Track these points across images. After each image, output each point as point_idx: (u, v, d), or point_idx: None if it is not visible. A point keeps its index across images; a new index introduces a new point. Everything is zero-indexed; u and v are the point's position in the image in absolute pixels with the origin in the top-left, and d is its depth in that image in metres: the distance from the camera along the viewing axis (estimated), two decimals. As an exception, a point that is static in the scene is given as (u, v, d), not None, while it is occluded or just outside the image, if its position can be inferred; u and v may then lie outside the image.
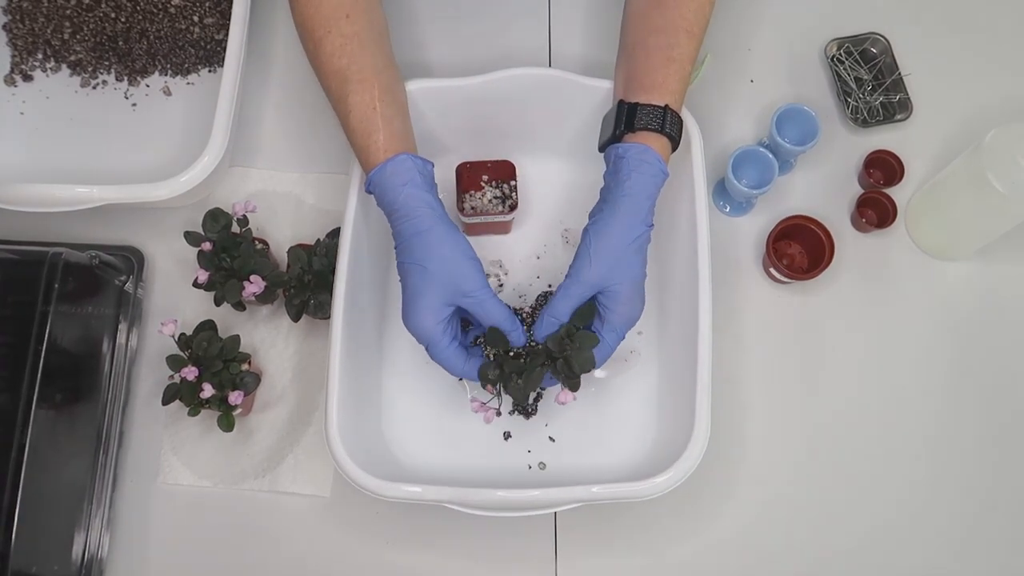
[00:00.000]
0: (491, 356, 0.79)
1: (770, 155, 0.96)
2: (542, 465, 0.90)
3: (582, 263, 0.78)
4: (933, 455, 0.92)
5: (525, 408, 0.91)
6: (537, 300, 0.92)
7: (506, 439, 0.91)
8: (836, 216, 1.01)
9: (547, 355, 0.79)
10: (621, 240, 0.78)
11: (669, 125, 0.80)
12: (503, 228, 0.97)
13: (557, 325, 0.79)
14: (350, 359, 0.83)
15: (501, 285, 0.96)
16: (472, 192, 0.94)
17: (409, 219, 0.77)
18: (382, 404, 0.90)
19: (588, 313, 0.79)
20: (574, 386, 0.80)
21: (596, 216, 0.80)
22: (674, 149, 0.82)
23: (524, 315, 0.93)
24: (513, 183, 0.94)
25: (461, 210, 0.93)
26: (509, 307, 0.79)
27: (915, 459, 0.92)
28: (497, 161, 0.94)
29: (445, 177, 0.96)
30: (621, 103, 0.82)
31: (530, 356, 0.79)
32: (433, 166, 0.81)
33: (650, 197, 0.79)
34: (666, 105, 0.81)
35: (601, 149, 0.85)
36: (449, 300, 0.77)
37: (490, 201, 0.94)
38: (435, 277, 0.76)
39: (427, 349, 0.78)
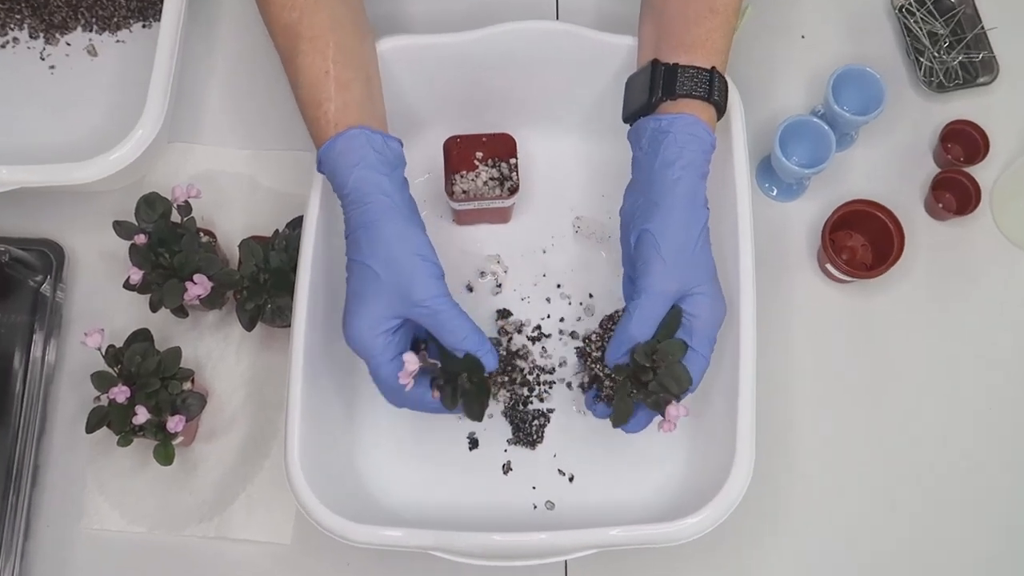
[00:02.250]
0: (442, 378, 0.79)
1: (826, 127, 0.96)
2: (550, 504, 0.90)
3: (655, 273, 0.78)
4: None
5: (529, 436, 0.91)
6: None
7: (506, 473, 0.91)
8: (906, 201, 1.01)
9: (632, 379, 0.79)
10: (689, 234, 0.79)
11: (717, 91, 0.81)
12: (501, 216, 0.97)
13: (631, 347, 0.79)
14: (315, 376, 0.83)
15: (499, 285, 0.97)
16: (463, 172, 0.94)
17: (357, 207, 0.78)
18: (354, 431, 0.91)
19: (673, 325, 0.80)
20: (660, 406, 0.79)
21: (649, 212, 0.80)
22: (719, 118, 0.83)
23: (531, 327, 0.94)
24: (513, 161, 0.94)
25: (451, 194, 0.93)
26: (475, 324, 0.79)
27: (1011, 497, 0.92)
28: (494, 135, 0.94)
29: (430, 155, 0.96)
30: (656, 64, 0.82)
31: (615, 386, 0.81)
32: (400, 144, 0.81)
33: (704, 176, 0.80)
34: (713, 67, 0.81)
35: (627, 120, 0.85)
36: (397, 310, 0.77)
37: (485, 183, 0.94)
38: (381, 279, 0.77)
39: (369, 370, 0.79)
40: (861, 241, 0.99)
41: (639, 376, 0.79)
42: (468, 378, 0.78)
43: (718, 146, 0.83)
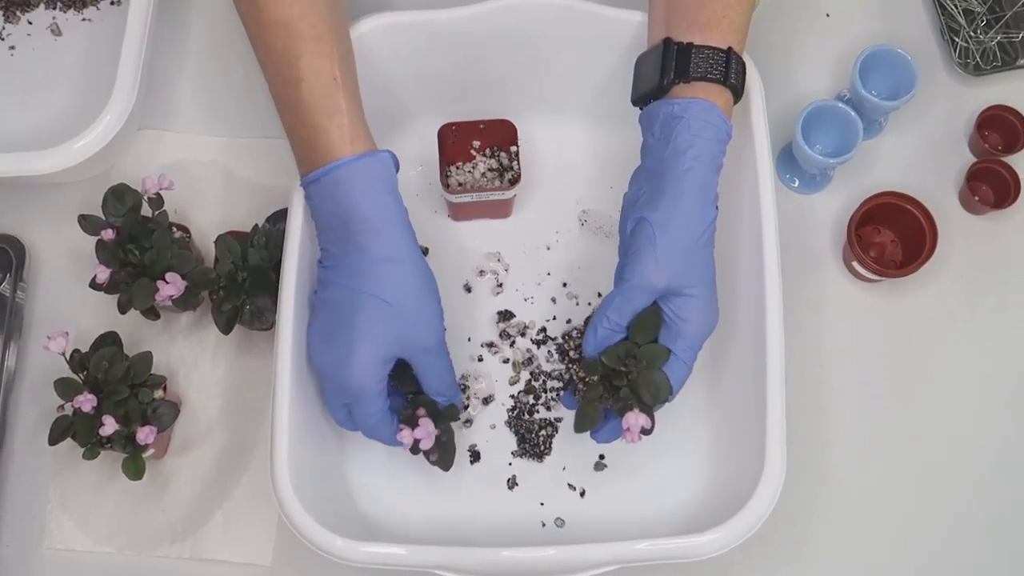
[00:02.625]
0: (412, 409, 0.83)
1: (852, 112, 0.96)
2: (559, 522, 0.90)
3: (646, 263, 0.78)
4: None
5: (536, 447, 0.91)
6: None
7: (511, 488, 0.91)
8: (939, 193, 1.01)
9: (605, 382, 0.80)
10: (691, 230, 0.79)
11: (734, 74, 0.81)
12: (501, 210, 0.97)
13: (614, 336, 0.80)
14: (302, 383, 0.83)
15: (500, 285, 0.97)
16: (460, 163, 0.94)
17: (379, 237, 0.78)
18: (344, 442, 0.90)
19: (651, 324, 0.80)
20: (644, 414, 0.80)
21: (653, 200, 0.79)
22: (736, 102, 0.83)
23: (536, 329, 0.94)
24: (514, 150, 0.94)
25: (446, 187, 0.93)
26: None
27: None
28: (492, 121, 0.94)
29: (423, 145, 0.96)
30: (668, 43, 0.82)
31: (584, 387, 0.82)
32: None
33: (717, 168, 0.80)
34: (729, 48, 0.81)
35: (636, 103, 0.85)
36: (399, 351, 0.79)
37: (484, 174, 0.94)
38: (396, 320, 0.78)
39: (351, 407, 0.81)
40: (890, 237, 0.99)
41: (612, 380, 0.79)
42: (442, 429, 0.82)
43: (736, 135, 0.83)
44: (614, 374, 0.79)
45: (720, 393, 0.90)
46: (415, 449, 0.81)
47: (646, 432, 0.80)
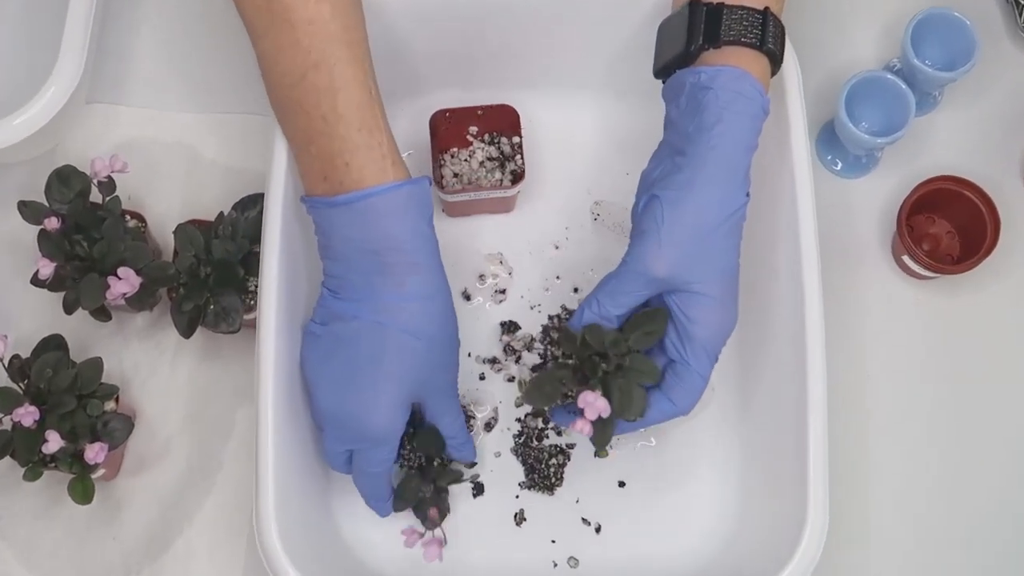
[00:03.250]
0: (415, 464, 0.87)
1: (903, 85, 0.95)
2: (573, 562, 0.89)
3: (647, 246, 0.77)
4: None
5: (546, 478, 0.91)
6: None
7: (519, 524, 0.90)
8: (1002, 177, 0.99)
9: (577, 367, 0.79)
10: (709, 216, 0.77)
11: (772, 38, 0.79)
12: (503, 205, 0.96)
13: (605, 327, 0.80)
14: (288, 404, 0.82)
15: (503, 291, 0.96)
16: (455, 153, 0.93)
17: (419, 272, 0.79)
18: (332, 474, 0.89)
19: (655, 322, 0.79)
20: (603, 438, 0.79)
21: (669, 177, 0.78)
22: (774, 73, 0.82)
23: (544, 342, 0.94)
24: (517, 140, 0.93)
25: (439, 183, 0.92)
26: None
27: None
28: (492, 107, 0.93)
29: (413, 130, 0.95)
30: (695, 4, 0.81)
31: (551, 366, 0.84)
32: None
33: (749, 149, 0.78)
34: (765, 8, 0.79)
35: (659, 75, 0.84)
36: (420, 393, 0.82)
37: (482, 165, 0.93)
38: (423, 359, 0.80)
39: (360, 453, 0.82)
40: (946, 228, 0.98)
41: (584, 368, 0.78)
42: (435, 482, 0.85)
43: (771, 108, 0.81)
44: (588, 362, 0.78)
45: (751, 420, 0.90)
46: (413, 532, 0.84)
47: (600, 425, 0.80)
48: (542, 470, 0.90)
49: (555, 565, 0.89)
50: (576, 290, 0.95)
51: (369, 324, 0.79)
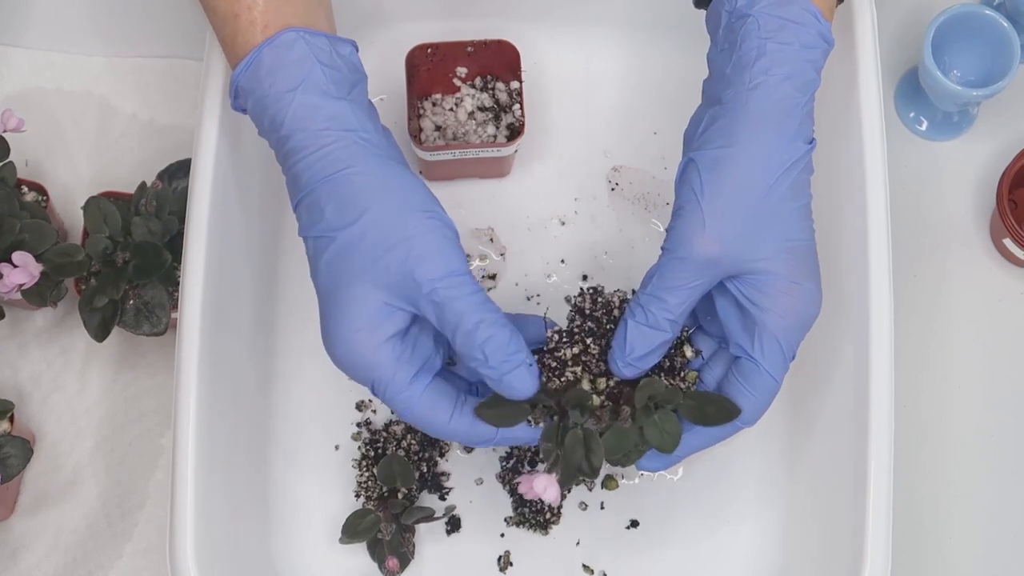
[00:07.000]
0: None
1: (1005, 23, 0.90)
2: None
3: (689, 224, 0.71)
4: None
5: (539, 513, 0.86)
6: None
7: (503, 570, 0.85)
8: None
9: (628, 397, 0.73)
10: (759, 174, 0.71)
11: None
12: (496, 168, 0.92)
13: (660, 340, 0.73)
14: (216, 418, 0.78)
15: (493, 277, 0.91)
16: (437, 100, 0.90)
17: (307, 154, 0.72)
18: (271, 503, 0.86)
19: (711, 411, 0.73)
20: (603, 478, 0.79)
21: (705, 134, 0.73)
22: (839, 2, 0.77)
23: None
24: (516, 85, 0.89)
25: (416, 137, 0.89)
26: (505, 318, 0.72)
27: None
28: (485, 42, 0.88)
29: (387, 70, 0.91)
30: None
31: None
32: (355, 48, 0.76)
33: (804, 87, 0.72)
34: None
35: (700, 3, 0.79)
36: (400, 297, 0.71)
37: (472, 117, 0.90)
38: (367, 257, 0.71)
39: (373, 391, 0.73)
40: None
41: (630, 396, 0.72)
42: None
43: (835, 53, 0.76)
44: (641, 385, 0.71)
45: (797, 443, 0.86)
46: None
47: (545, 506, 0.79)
48: (535, 503, 0.84)
49: (549, 619, 0.86)
50: (585, 277, 0.90)
51: (304, 237, 0.74)
